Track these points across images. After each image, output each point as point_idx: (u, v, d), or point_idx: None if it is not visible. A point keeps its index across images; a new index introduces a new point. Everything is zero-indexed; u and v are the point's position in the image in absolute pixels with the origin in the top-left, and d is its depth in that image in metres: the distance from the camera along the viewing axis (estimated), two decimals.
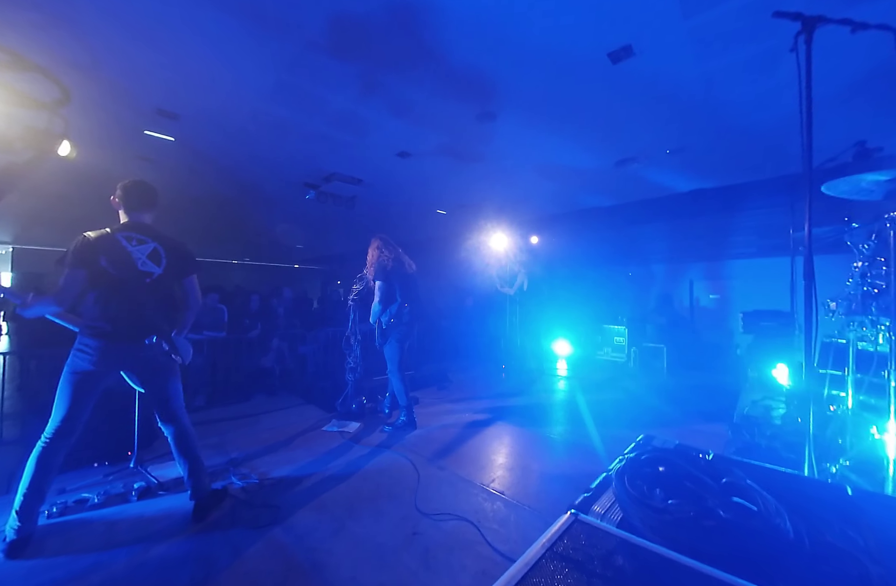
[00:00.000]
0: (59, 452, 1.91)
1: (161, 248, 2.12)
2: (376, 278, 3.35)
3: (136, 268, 2.02)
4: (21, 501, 1.82)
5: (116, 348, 1.97)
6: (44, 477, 1.87)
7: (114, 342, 1.96)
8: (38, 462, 1.86)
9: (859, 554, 0.78)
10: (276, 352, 5.27)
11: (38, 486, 1.85)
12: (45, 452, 1.87)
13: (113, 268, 1.96)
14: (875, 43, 2.09)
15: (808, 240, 1.44)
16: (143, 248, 2.07)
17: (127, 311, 1.99)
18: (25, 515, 1.84)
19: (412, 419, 3.46)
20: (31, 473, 1.84)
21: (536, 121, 3.32)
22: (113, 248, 1.98)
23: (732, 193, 4.81)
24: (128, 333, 1.99)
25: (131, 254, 2.02)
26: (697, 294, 7.83)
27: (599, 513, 0.94)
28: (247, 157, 4.17)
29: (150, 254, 2.08)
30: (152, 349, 2.06)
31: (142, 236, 2.09)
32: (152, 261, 2.08)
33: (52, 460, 1.89)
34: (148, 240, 2.09)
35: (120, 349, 1.99)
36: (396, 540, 1.91)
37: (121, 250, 2.00)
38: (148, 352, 2.05)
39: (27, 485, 1.83)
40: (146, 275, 2.05)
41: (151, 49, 2.42)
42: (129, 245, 2.03)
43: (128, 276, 2.00)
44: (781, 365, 4.11)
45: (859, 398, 2.53)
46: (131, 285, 2.01)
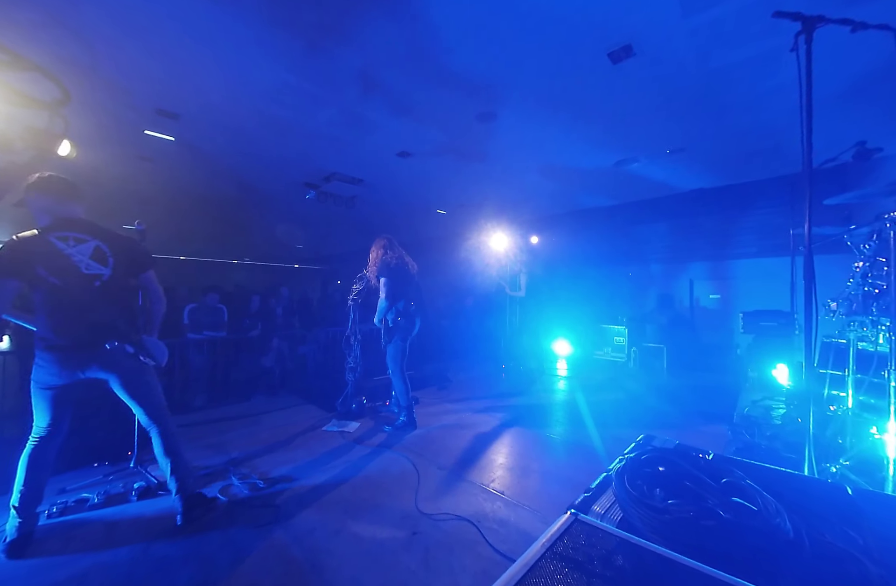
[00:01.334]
0: (49, 451, 1.91)
1: (104, 245, 1.86)
2: (380, 275, 3.35)
3: (80, 273, 1.78)
4: (18, 497, 1.83)
5: (73, 358, 1.80)
6: (37, 475, 1.87)
7: (69, 353, 1.79)
8: (29, 460, 1.86)
9: (859, 554, 0.78)
10: (276, 351, 5.27)
11: (33, 483, 1.86)
12: (34, 451, 1.88)
13: (53, 276, 1.73)
14: (875, 43, 2.09)
15: (808, 240, 1.44)
16: (83, 248, 1.81)
17: (77, 321, 1.78)
18: (24, 512, 1.84)
19: (412, 419, 3.47)
20: (23, 471, 1.85)
21: (537, 121, 3.32)
22: (47, 253, 1.73)
23: (732, 193, 4.81)
24: (82, 342, 1.80)
25: (71, 258, 1.77)
26: (697, 294, 7.83)
27: (599, 513, 0.94)
28: (247, 157, 4.17)
29: (94, 254, 1.83)
30: (115, 353, 1.87)
31: (79, 234, 1.82)
32: (97, 261, 1.83)
33: (42, 458, 1.89)
34: (87, 238, 1.83)
35: (78, 358, 1.81)
36: (396, 540, 1.91)
37: (57, 254, 1.75)
38: (110, 356, 1.87)
39: (22, 483, 1.84)
40: (94, 278, 1.82)
41: (152, 49, 2.42)
42: (66, 247, 1.77)
43: (72, 283, 1.77)
44: (781, 365, 4.11)
45: (859, 398, 2.53)
46: (77, 292, 1.78)
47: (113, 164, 4.19)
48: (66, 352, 1.79)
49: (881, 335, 2.31)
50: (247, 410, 4.08)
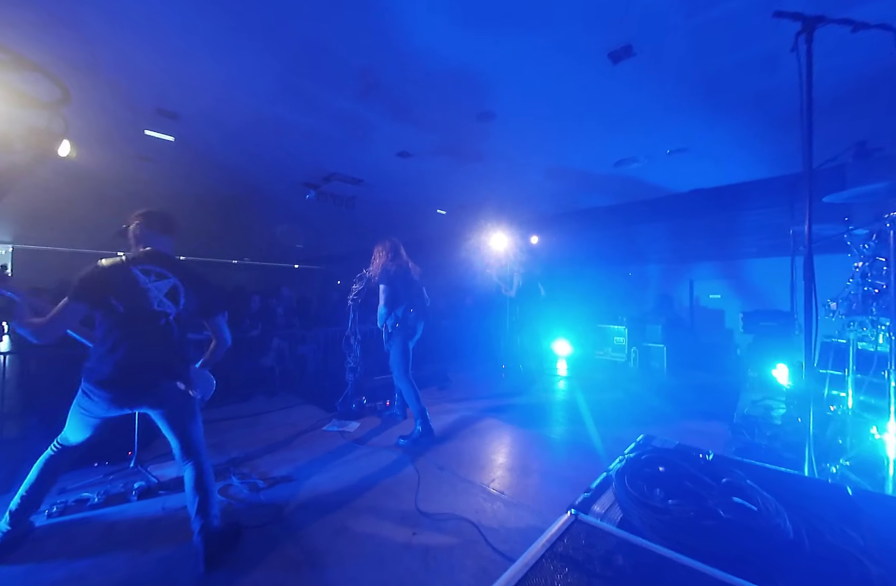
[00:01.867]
0: (66, 461, 1.92)
1: (181, 285, 1.86)
2: (380, 282, 3.33)
3: (152, 309, 1.77)
4: (18, 503, 1.81)
5: (125, 395, 1.76)
6: (45, 482, 1.86)
7: (122, 389, 1.75)
8: (44, 466, 1.85)
9: (859, 554, 0.78)
10: (276, 351, 5.27)
11: (38, 490, 1.84)
12: (53, 459, 1.87)
13: (123, 308, 1.71)
14: (876, 43, 2.09)
15: (808, 240, 1.44)
16: (162, 285, 1.81)
17: (136, 356, 1.75)
18: (17, 519, 1.82)
19: (429, 428, 3.19)
20: (35, 476, 1.83)
21: (536, 121, 3.32)
22: (126, 284, 1.73)
23: (732, 193, 4.81)
24: (137, 380, 1.77)
25: (147, 292, 1.76)
26: (697, 294, 7.83)
27: (599, 513, 0.94)
28: (247, 157, 4.17)
29: (169, 292, 1.82)
30: (167, 393, 1.84)
31: (162, 270, 1.82)
32: (170, 299, 1.82)
33: (57, 467, 1.89)
34: (168, 275, 1.83)
35: (129, 396, 1.77)
36: (396, 540, 1.91)
37: (135, 286, 1.75)
38: (162, 394, 1.83)
39: (28, 487, 1.82)
40: (162, 315, 1.80)
41: (152, 49, 2.42)
42: (146, 281, 1.77)
43: (140, 317, 1.75)
44: (781, 365, 4.11)
45: (859, 398, 2.53)
46: (143, 327, 1.77)
47: (113, 164, 4.19)
48: (118, 389, 1.74)
49: (881, 335, 2.31)
50: (247, 410, 4.08)
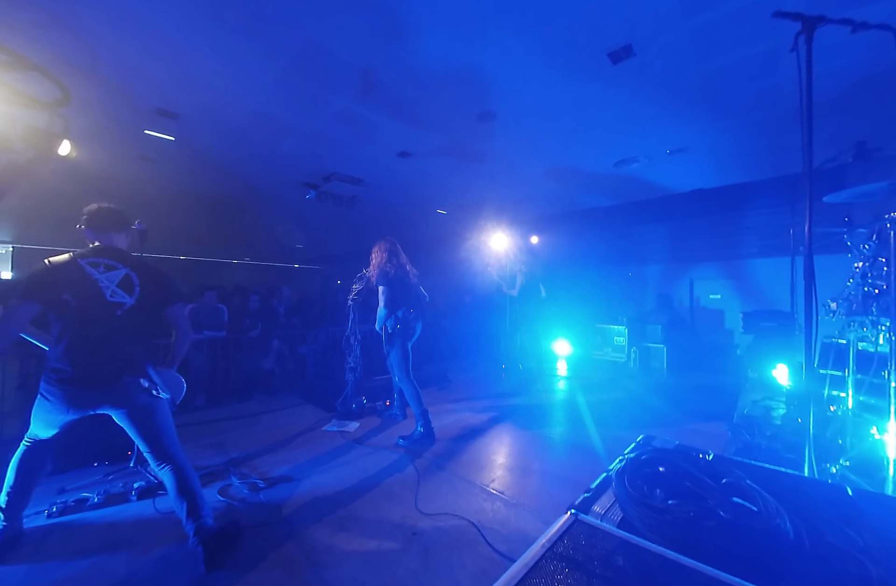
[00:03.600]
0: (44, 454, 1.89)
1: (134, 275, 1.84)
2: (378, 284, 3.32)
3: (105, 299, 1.75)
4: (5, 500, 1.81)
5: (84, 394, 1.73)
6: (29, 477, 1.85)
7: (80, 388, 1.71)
8: (20, 462, 1.84)
9: (859, 554, 0.78)
10: (276, 351, 5.27)
11: (22, 486, 1.84)
12: (27, 454, 1.85)
13: (76, 301, 1.70)
14: (876, 43, 2.09)
15: (808, 240, 1.44)
16: (113, 275, 1.79)
17: (94, 351, 1.73)
18: (9, 514, 1.83)
19: (430, 430, 3.18)
20: (13, 473, 1.83)
21: (536, 121, 3.32)
22: (76, 277, 1.72)
23: (733, 193, 4.81)
24: (96, 377, 1.74)
25: (98, 283, 1.74)
26: (698, 294, 7.84)
27: (599, 514, 0.94)
28: (247, 157, 4.17)
29: (122, 282, 1.80)
30: (129, 389, 1.80)
31: (111, 261, 1.81)
32: (123, 289, 1.80)
33: (35, 461, 1.87)
34: (118, 266, 1.82)
35: (89, 395, 1.74)
36: (396, 540, 1.91)
37: (85, 279, 1.73)
38: (124, 392, 1.79)
39: (10, 484, 1.82)
40: (116, 306, 1.77)
41: (152, 49, 2.42)
42: (95, 272, 1.75)
43: (94, 310, 1.73)
44: (781, 365, 4.11)
45: (859, 398, 2.53)
46: (98, 320, 1.74)
47: (113, 164, 4.19)
48: (78, 388, 1.71)
49: (881, 335, 2.31)
50: (247, 410, 4.08)
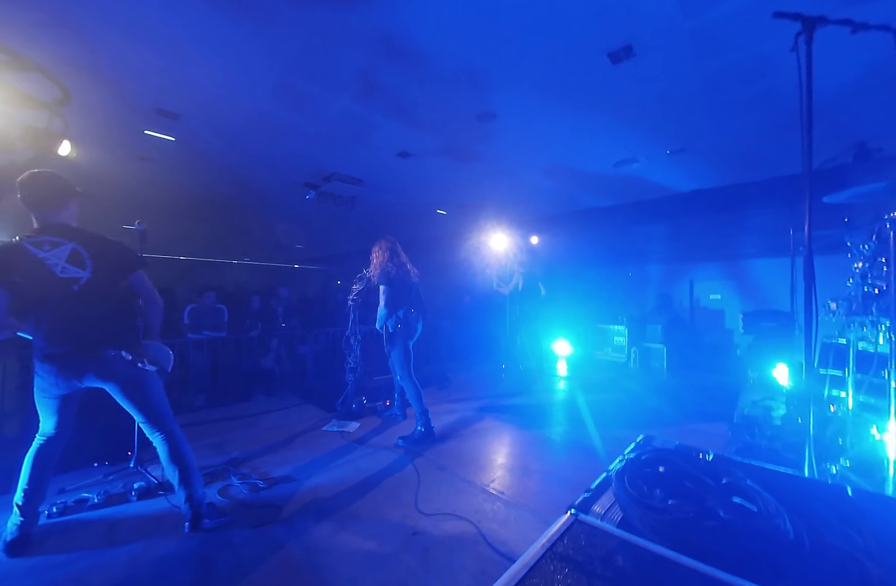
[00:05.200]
0: (55, 450, 1.94)
1: (81, 248, 1.82)
2: (380, 283, 3.31)
3: (56, 277, 1.75)
4: (21, 496, 1.84)
5: (69, 367, 1.78)
6: (41, 474, 1.89)
7: (64, 362, 1.76)
8: (34, 459, 1.88)
9: (859, 554, 0.78)
10: (276, 352, 5.27)
11: (37, 482, 1.87)
12: (40, 451, 1.90)
13: (27, 282, 1.71)
14: (875, 43, 2.09)
15: (808, 240, 1.44)
16: (59, 252, 1.78)
17: (60, 326, 1.76)
18: (26, 511, 1.85)
19: (430, 430, 3.17)
20: (28, 469, 1.87)
21: (536, 121, 3.32)
22: (21, 259, 1.73)
23: (732, 194, 4.81)
24: (72, 349, 1.77)
25: (44, 262, 1.74)
26: (698, 294, 7.83)
27: (599, 513, 0.94)
28: (247, 157, 4.17)
29: (70, 258, 1.79)
30: (111, 361, 1.84)
31: (55, 238, 1.79)
32: (74, 264, 1.79)
33: (47, 457, 1.91)
34: (63, 241, 1.80)
35: (73, 367, 1.78)
36: (396, 541, 1.91)
37: (30, 259, 1.73)
38: (107, 364, 1.83)
39: (26, 481, 1.85)
40: (71, 281, 1.78)
41: (151, 49, 2.42)
42: (39, 251, 1.75)
43: (47, 288, 1.74)
44: (782, 365, 4.11)
45: (859, 398, 2.53)
46: (54, 296, 1.75)
47: (113, 164, 4.19)
48: (60, 361, 1.76)
49: (881, 335, 2.30)
50: (247, 410, 4.08)
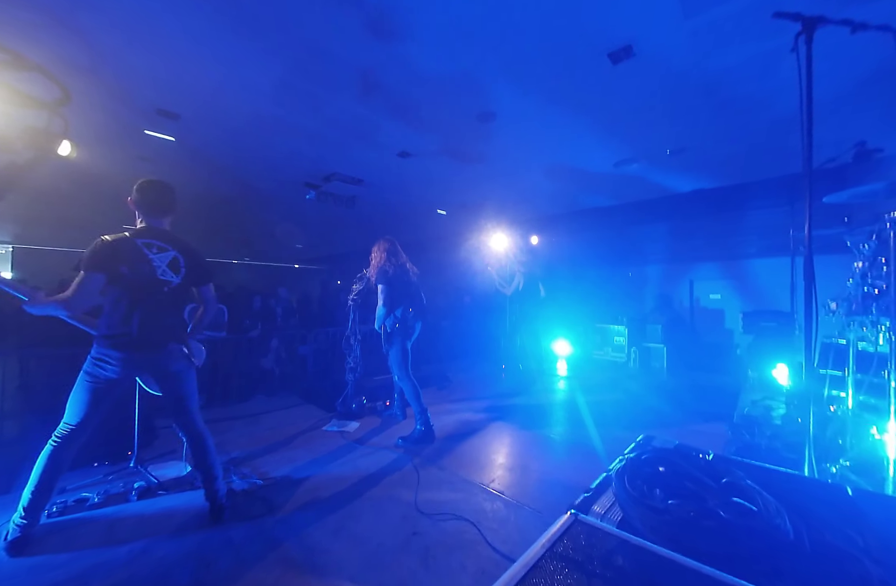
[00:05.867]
0: (71, 451, 1.93)
1: (181, 257, 2.07)
2: (378, 283, 3.31)
3: (156, 277, 1.98)
4: (29, 498, 1.83)
5: (138, 357, 1.95)
6: (53, 475, 1.88)
7: (135, 352, 1.93)
8: (49, 460, 1.86)
9: (859, 554, 0.78)
10: (276, 352, 5.27)
11: (47, 484, 1.86)
12: (56, 451, 1.88)
13: (133, 276, 1.91)
14: (875, 43, 2.09)
15: (808, 240, 1.44)
16: (164, 256, 2.02)
17: (147, 321, 1.95)
18: (31, 512, 1.84)
19: (430, 429, 3.16)
20: (40, 471, 1.85)
21: (537, 121, 3.32)
22: (133, 255, 1.93)
23: (733, 194, 4.81)
24: (149, 342, 1.97)
25: (152, 262, 1.97)
26: (698, 294, 7.83)
27: (599, 514, 0.94)
28: (247, 157, 4.17)
29: (171, 263, 2.03)
30: (173, 355, 2.05)
31: (162, 244, 2.04)
32: (171, 269, 2.03)
33: (63, 458, 1.90)
34: (168, 248, 2.05)
35: (141, 358, 1.97)
36: (396, 540, 1.91)
37: (142, 257, 1.94)
38: (169, 357, 2.04)
39: (36, 482, 1.84)
40: (164, 283, 2.01)
41: (152, 49, 2.42)
42: (149, 252, 1.98)
43: (147, 285, 1.96)
44: (781, 365, 4.11)
45: (859, 398, 2.53)
46: (150, 293, 1.97)
47: (113, 164, 4.19)
48: (135, 350, 1.93)
49: (881, 335, 2.30)
50: (247, 410, 4.08)
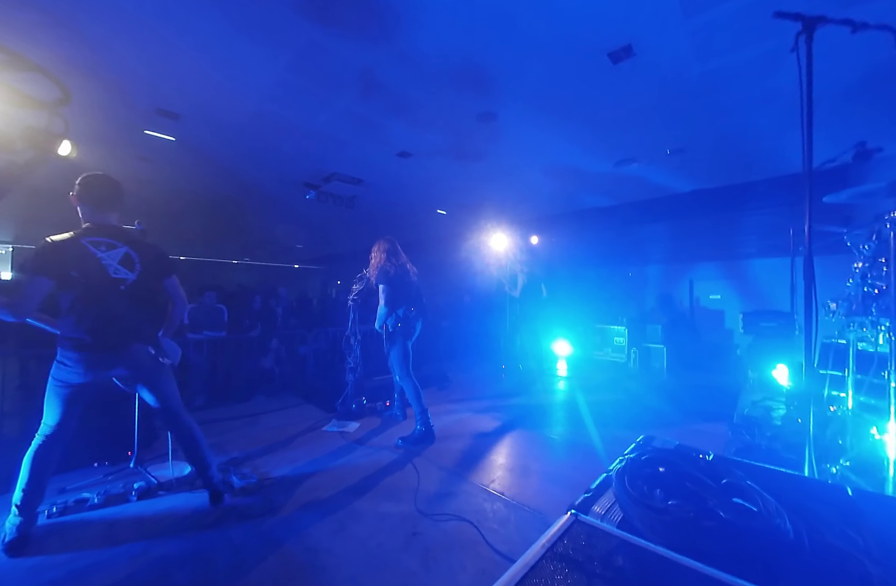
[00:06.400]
0: (55, 450, 1.93)
1: (133, 252, 1.99)
2: (379, 283, 3.31)
3: (109, 277, 1.90)
4: (20, 496, 1.84)
5: (99, 358, 1.90)
6: (42, 473, 1.88)
7: (95, 353, 1.88)
8: (33, 459, 1.87)
9: (859, 554, 0.78)
10: (276, 352, 5.27)
11: (37, 481, 1.87)
12: (40, 450, 1.89)
13: (83, 277, 1.84)
14: (876, 43, 2.09)
15: (808, 240, 1.44)
16: (114, 254, 1.93)
17: (104, 321, 1.89)
18: (25, 511, 1.85)
19: (430, 429, 3.17)
20: (28, 468, 1.86)
21: (537, 121, 3.32)
22: (81, 256, 1.85)
23: (733, 194, 4.81)
24: (108, 343, 1.91)
25: (101, 261, 1.89)
26: (697, 294, 7.84)
27: (599, 514, 0.94)
28: (247, 157, 4.17)
29: (122, 260, 1.95)
30: (137, 354, 1.99)
31: (111, 240, 1.95)
32: (125, 266, 1.96)
33: (47, 457, 1.90)
34: (118, 244, 1.96)
35: (103, 359, 1.91)
36: (396, 540, 1.91)
37: (90, 258, 1.87)
38: (134, 358, 1.98)
39: (26, 480, 1.85)
40: (119, 282, 1.94)
41: (152, 49, 2.43)
42: (98, 251, 1.89)
43: (100, 286, 1.89)
44: (781, 365, 4.11)
45: (859, 399, 2.53)
46: (105, 293, 1.90)
47: (113, 164, 4.19)
48: (94, 353, 1.88)
49: (881, 335, 2.30)
50: (247, 410, 4.08)
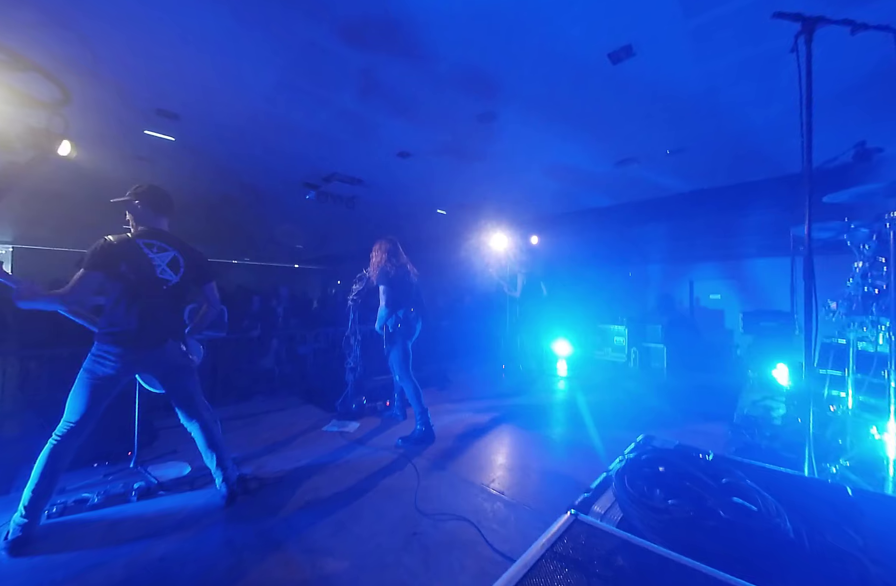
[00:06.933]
0: (71, 449, 1.94)
1: (180, 257, 2.15)
2: (379, 283, 3.30)
3: (155, 276, 2.05)
4: (30, 497, 1.84)
5: (137, 354, 1.99)
6: (54, 474, 1.89)
7: (135, 348, 1.98)
8: (49, 459, 1.88)
9: (859, 554, 0.78)
10: (276, 352, 5.27)
11: (48, 483, 1.87)
12: (56, 449, 1.89)
13: (133, 274, 1.98)
14: (875, 43, 2.09)
15: (808, 240, 1.44)
16: (164, 256, 2.10)
17: (146, 317, 2.01)
18: (32, 511, 1.85)
19: (430, 429, 3.17)
20: (41, 469, 1.86)
21: (537, 120, 3.32)
22: (134, 254, 2.00)
23: (733, 193, 4.82)
24: (148, 339, 2.02)
25: (152, 262, 2.05)
26: (698, 294, 7.83)
27: (599, 514, 0.94)
28: (247, 157, 4.17)
29: (170, 263, 2.11)
30: (172, 352, 2.10)
31: (162, 244, 2.12)
32: (171, 269, 2.11)
33: (63, 457, 1.92)
34: (168, 248, 2.13)
35: (141, 354, 2.01)
36: (396, 540, 1.91)
37: (142, 257, 2.02)
38: (167, 354, 2.09)
39: (37, 481, 1.84)
40: (163, 282, 2.08)
41: (151, 49, 2.43)
42: (150, 252, 2.06)
43: (147, 283, 2.03)
44: (781, 365, 4.10)
45: (859, 398, 2.53)
46: (150, 292, 2.03)
47: (113, 164, 4.19)
48: (132, 347, 1.97)
49: (881, 335, 2.30)
50: (247, 410, 4.07)
